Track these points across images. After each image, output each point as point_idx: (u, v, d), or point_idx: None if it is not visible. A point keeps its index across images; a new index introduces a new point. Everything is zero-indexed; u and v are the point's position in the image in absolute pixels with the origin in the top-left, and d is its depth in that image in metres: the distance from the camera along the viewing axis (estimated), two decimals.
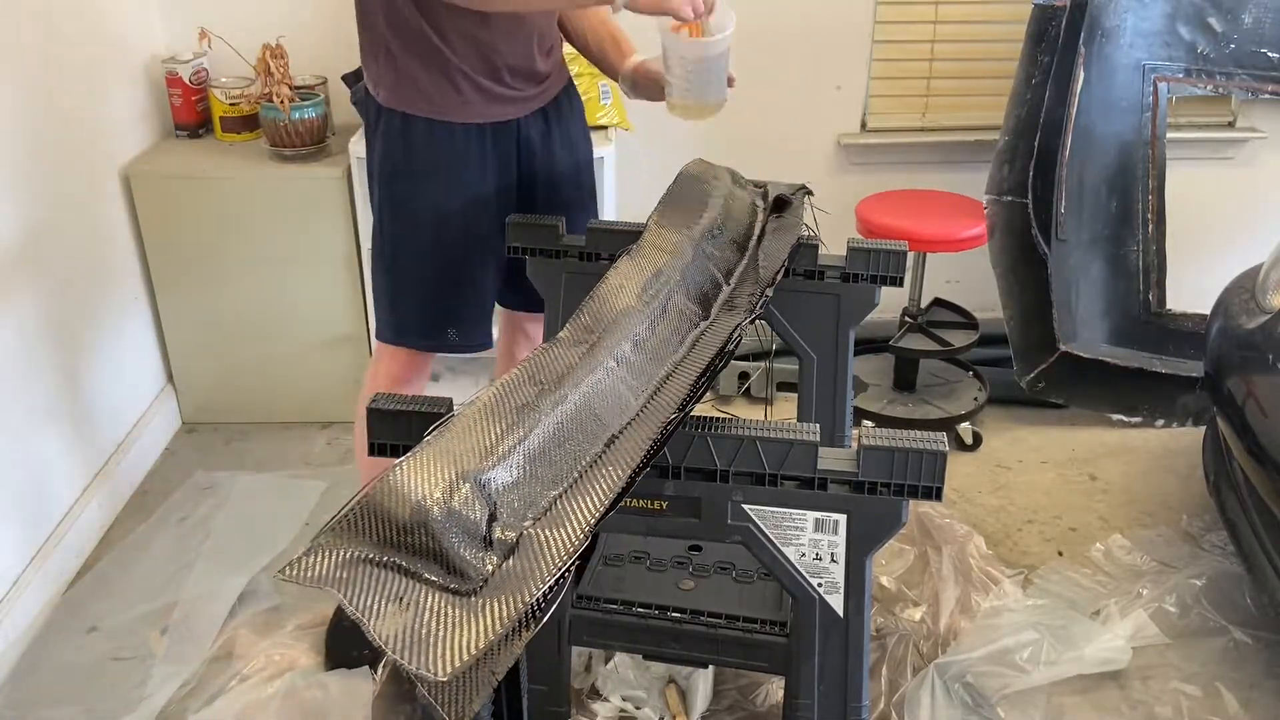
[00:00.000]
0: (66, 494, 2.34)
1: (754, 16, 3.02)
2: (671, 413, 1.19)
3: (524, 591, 0.94)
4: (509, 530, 1.01)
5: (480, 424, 1.12)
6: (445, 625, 0.91)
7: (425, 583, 0.95)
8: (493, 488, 1.03)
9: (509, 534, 1.01)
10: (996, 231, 2.79)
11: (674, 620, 1.60)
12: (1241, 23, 2.83)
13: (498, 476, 1.04)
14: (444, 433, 1.11)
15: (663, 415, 1.19)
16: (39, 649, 2.10)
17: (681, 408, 1.21)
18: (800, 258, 1.78)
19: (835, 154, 3.17)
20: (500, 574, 0.97)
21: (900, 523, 1.28)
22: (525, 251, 1.86)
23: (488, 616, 0.92)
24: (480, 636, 0.90)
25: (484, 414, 1.14)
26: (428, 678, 0.87)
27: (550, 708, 1.64)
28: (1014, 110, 2.78)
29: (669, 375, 1.29)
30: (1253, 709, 1.99)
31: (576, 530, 1.02)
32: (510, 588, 0.95)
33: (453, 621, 0.91)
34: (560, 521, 1.04)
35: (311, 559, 0.95)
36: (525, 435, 1.09)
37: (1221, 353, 2.23)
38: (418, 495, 0.99)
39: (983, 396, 2.92)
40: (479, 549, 0.98)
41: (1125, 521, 2.53)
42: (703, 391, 1.25)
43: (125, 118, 2.67)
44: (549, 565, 0.98)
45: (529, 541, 1.01)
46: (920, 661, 2.04)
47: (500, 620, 0.91)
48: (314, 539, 0.98)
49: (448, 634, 0.90)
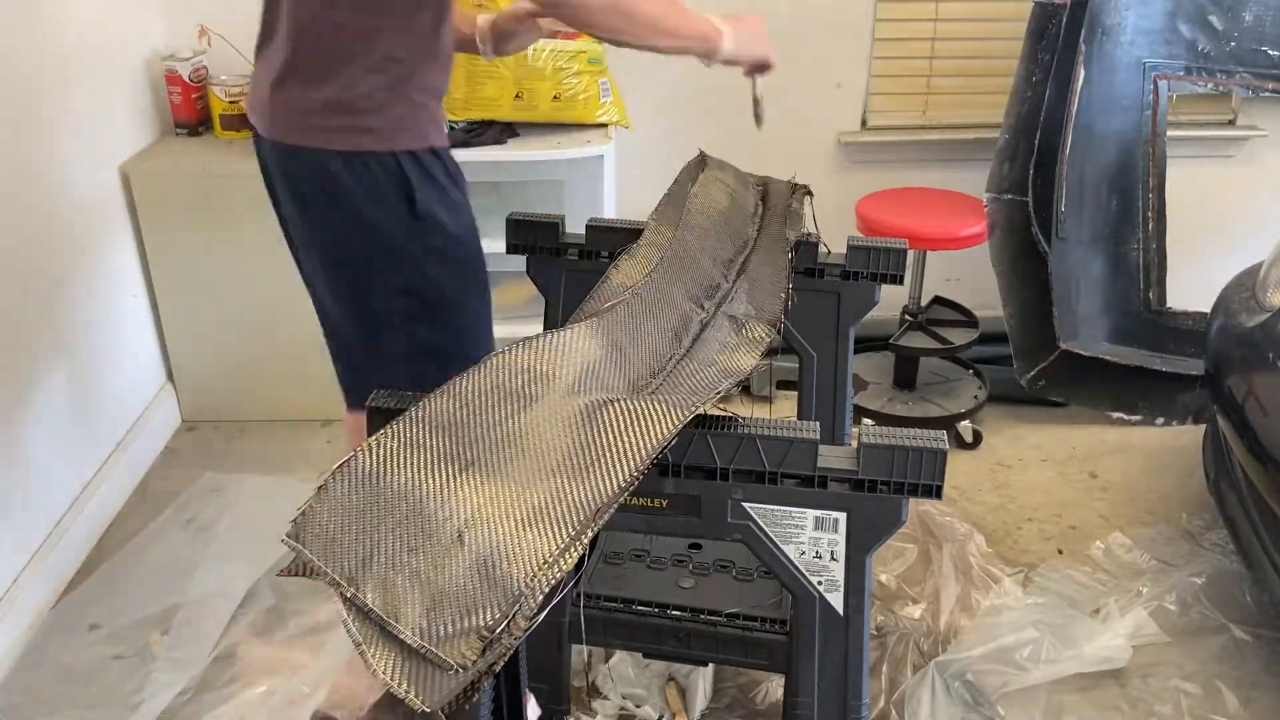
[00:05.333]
0: (66, 492, 2.34)
1: (755, 14, 3.02)
2: (674, 412, 1.19)
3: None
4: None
5: (464, 409, 1.12)
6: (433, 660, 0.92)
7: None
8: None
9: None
10: (997, 229, 2.79)
11: (674, 618, 1.60)
12: (1242, 20, 2.83)
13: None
14: (430, 403, 1.11)
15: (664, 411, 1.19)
16: (39, 649, 2.10)
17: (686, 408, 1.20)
18: (800, 256, 1.78)
19: (835, 152, 3.17)
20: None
21: (900, 521, 1.28)
22: (525, 249, 1.86)
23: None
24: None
25: (471, 397, 1.14)
26: (419, 705, 0.89)
27: (550, 706, 1.65)
28: (1014, 108, 2.78)
29: (668, 374, 1.29)
30: (1253, 707, 1.99)
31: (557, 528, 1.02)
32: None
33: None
34: (557, 526, 1.03)
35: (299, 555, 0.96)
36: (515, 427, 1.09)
37: (1222, 351, 2.23)
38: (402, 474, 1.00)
39: (983, 395, 2.92)
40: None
41: (1125, 520, 2.53)
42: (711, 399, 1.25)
43: (124, 115, 2.67)
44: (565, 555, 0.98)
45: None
46: (920, 659, 2.04)
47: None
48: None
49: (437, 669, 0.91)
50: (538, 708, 1.67)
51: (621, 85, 2.78)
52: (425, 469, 1.04)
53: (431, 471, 1.04)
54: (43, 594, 2.19)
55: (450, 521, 0.99)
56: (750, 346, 1.41)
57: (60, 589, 2.25)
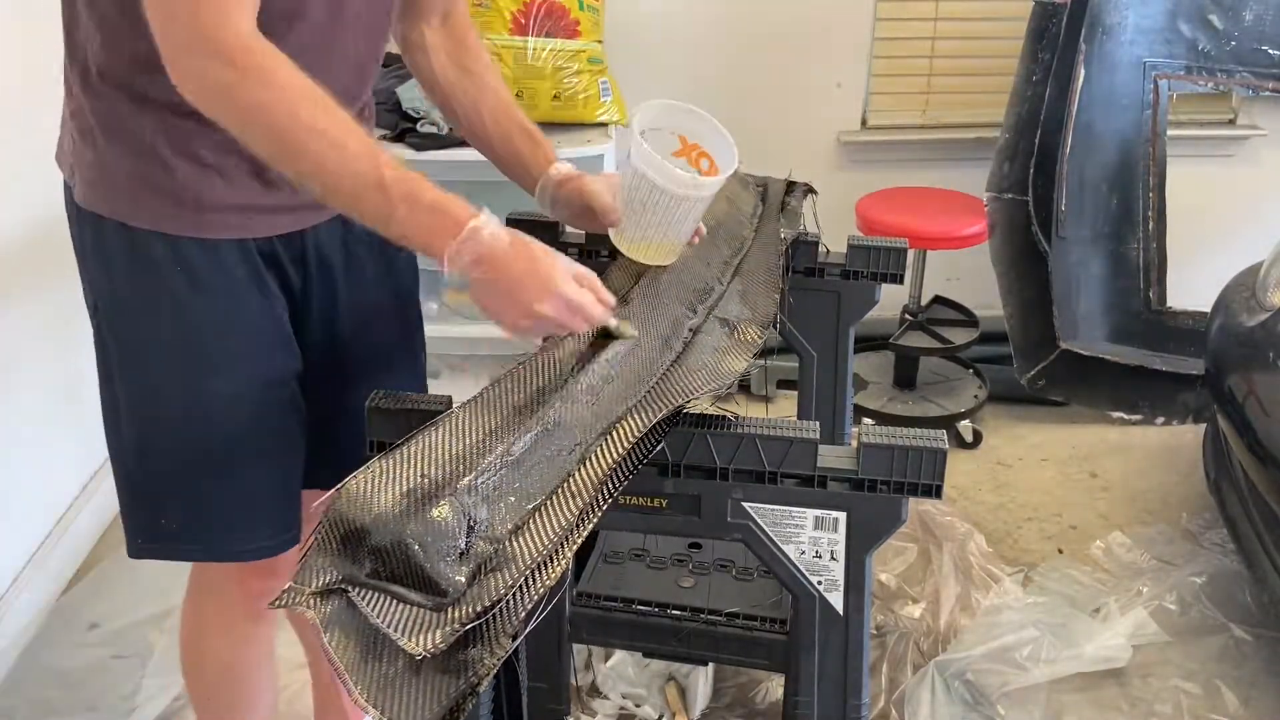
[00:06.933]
0: (66, 492, 2.34)
1: (755, 14, 3.02)
2: (656, 420, 1.18)
3: (502, 608, 0.94)
4: (486, 543, 1.00)
5: (457, 433, 1.09)
6: (421, 674, 0.91)
7: (398, 598, 0.95)
8: (470, 500, 1.01)
9: (486, 547, 1.00)
10: (997, 229, 2.79)
11: (674, 618, 1.60)
12: (1242, 20, 2.83)
13: (477, 486, 1.02)
14: (428, 433, 1.09)
15: (647, 424, 1.18)
16: (39, 648, 2.10)
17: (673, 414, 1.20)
18: (800, 255, 1.78)
19: (836, 151, 3.17)
20: (475, 590, 0.96)
21: (900, 520, 1.28)
22: None
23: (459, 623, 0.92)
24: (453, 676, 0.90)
25: (462, 421, 1.11)
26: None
27: (550, 705, 1.64)
28: (1015, 107, 2.78)
29: (658, 381, 1.28)
30: (1253, 706, 1.99)
31: (551, 542, 1.01)
32: (487, 602, 0.94)
33: (428, 670, 0.91)
34: (537, 534, 1.02)
35: (296, 590, 0.95)
36: (507, 446, 1.07)
37: (1222, 350, 2.23)
38: (383, 505, 0.97)
39: (983, 394, 2.92)
40: (455, 562, 0.97)
41: (1125, 519, 2.53)
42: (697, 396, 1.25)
43: None
44: (530, 580, 0.97)
45: (506, 555, 0.99)
46: (920, 659, 2.04)
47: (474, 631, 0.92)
48: (300, 561, 0.97)
49: (422, 683, 0.90)
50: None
51: (621, 85, 2.78)
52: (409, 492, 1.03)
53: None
54: (42, 594, 2.19)
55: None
56: (742, 349, 1.41)
57: (60, 588, 2.25)
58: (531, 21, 2.66)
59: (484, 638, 0.93)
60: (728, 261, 1.60)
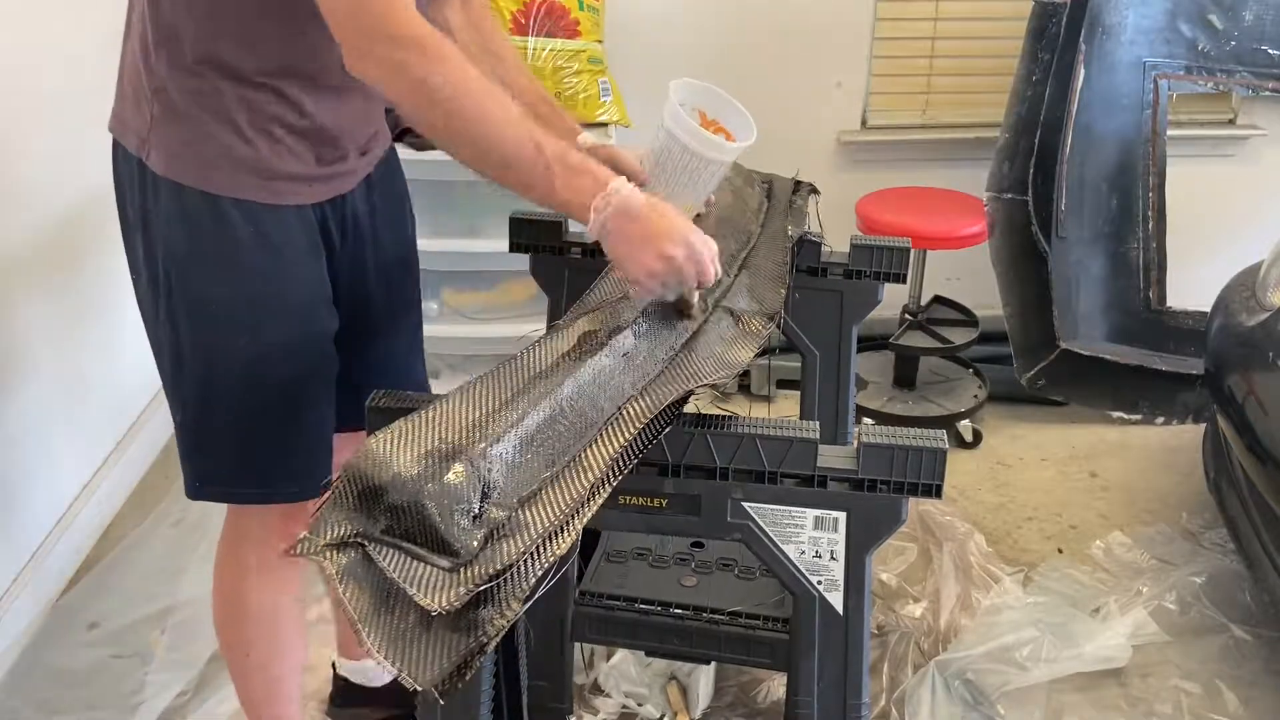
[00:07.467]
0: (65, 492, 2.34)
1: (755, 13, 3.02)
2: (667, 403, 1.20)
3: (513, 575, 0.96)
4: (499, 510, 1.02)
5: (474, 402, 1.13)
6: (432, 630, 0.93)
7: (413, 556, 0.96)
8: (485, 465, 1.03)
9: (499, 513, 1.02)
10: (997, 229, 2.79)
11: (676, 616, 1.60)
12: (1242, 20, 2.83)
13: (491, 453, 1.05)
14: (446, 400, 1.12)
15: (657, 405, 1.20)
16: (38, 648, 2.10)
17: (680, 400, 1.21)
18: (804, 255, 1.78)
19: (836, 151, 3.17)
20: (488, 552, 0.98)
21: (900, 520, 1.28)
22: (528, 249, 1.85)
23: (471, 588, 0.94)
24: (465, 634, 0.92)
25: (478, 392, 1.14)
26: (411, 683, 0.90)
27: (552, 704, 1.64)
28: (1014, 107, 2.78)
29: (665, 367, 1.29)
30: (1253, 706, 1.99)
31: (563, 514, 1.03)
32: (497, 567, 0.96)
33: (439, 626, 0.93)
34: (548, 505, 1.05)
35: (313, 539, 0.96)
36: (520, 418, 1.10)
37: (1222, 350, 2.23)
38: (401, 465, 1.00)
39: (983, 394, 2.92)
40: (469, 525, 0.99)
41: (1125, 519, 2.53)
42: (704, 385, 1.26)
43: None
44: (541, 549, 0.99)
45: (518, 523, 1.02)
46: (921, 659, 2.04)
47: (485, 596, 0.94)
48: (314, 514, 0.99)
49: (433, 638, 0.92)
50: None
51: (621, 84, 2.78)
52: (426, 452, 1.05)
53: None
54: (42, 594, 2.19)
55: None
56: (748, 340, 1.42)
57: (60, 589, 2.25)
58: (531, 21, 2.66)
59: (495, 599, 0.95)
60: (734, 255, 1.60)
